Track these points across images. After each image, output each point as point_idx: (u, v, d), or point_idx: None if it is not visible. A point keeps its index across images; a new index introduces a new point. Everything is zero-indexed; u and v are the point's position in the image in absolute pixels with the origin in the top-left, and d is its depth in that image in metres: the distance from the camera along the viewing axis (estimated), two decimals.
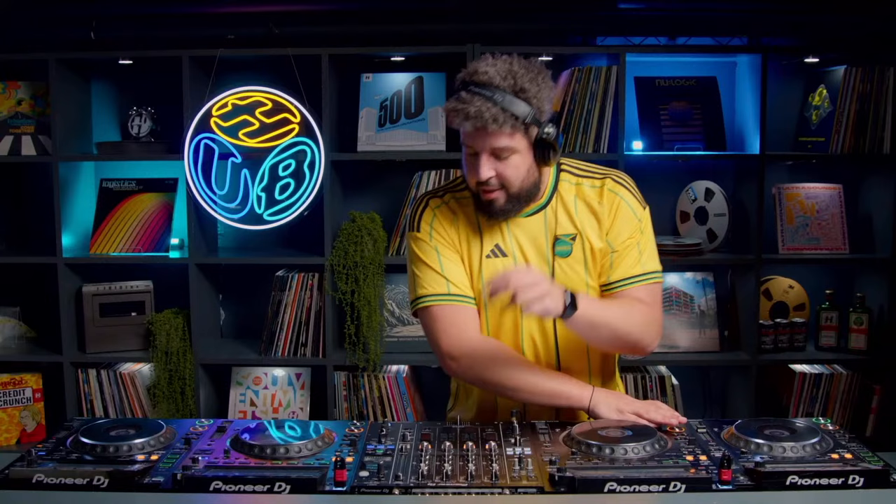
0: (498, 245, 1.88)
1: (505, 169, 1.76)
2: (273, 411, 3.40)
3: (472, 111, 1.68)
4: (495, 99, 1.68)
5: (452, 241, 1.90)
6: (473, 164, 1.77)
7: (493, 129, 1.70)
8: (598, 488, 1.44)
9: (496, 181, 1.77)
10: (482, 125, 1.69)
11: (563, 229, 1.87)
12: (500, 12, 3.19)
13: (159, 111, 3.45)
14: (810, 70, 3.43)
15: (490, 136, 1.72)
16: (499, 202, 1.79)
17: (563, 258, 1.87)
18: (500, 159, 1.75)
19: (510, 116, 1.70)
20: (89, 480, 1.49)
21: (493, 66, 1.72)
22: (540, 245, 1.88)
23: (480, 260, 1.88)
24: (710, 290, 3.40)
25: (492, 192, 1.78)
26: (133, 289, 3.39)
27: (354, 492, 1.47)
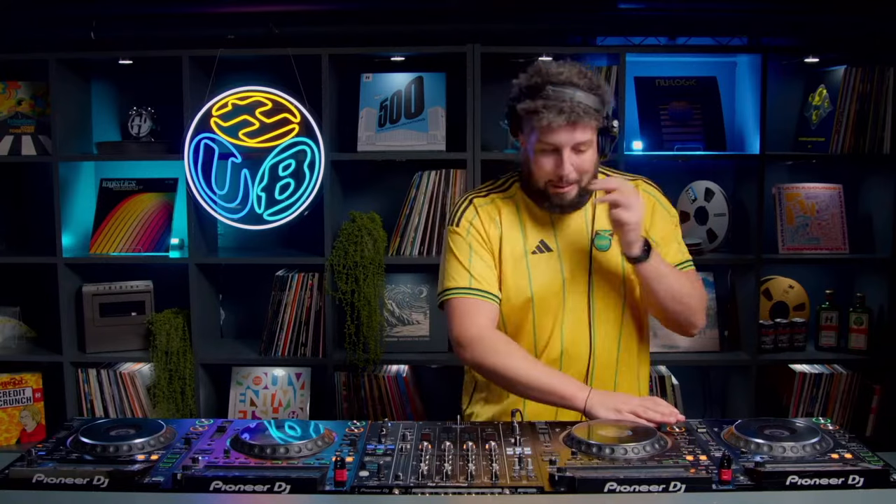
0: (543, 241, 1.98)
1: (582, 163, 1.87)
2: (273, 411, 3.40)
3: (566, 106, 1.78)
4: (582, 95, 1.80)
5: (489, 240, 1.98)
6: (552, 159, 1.86)
7: (583, 123, 1.81)
8: (598, 488, 1.44)
9: (575, 175, 1.87)
10: (575, 119, 1.79)
11: (601, 224, 1.97)
12: (500, 12, 3.19)
13: (159, 111, 3.45)
14: (810, 70, 3.43)
15: (577, 131, 1.82)
16: (570, 195, 1.90)
17: (603, 252, 1.97)
18: (579, 153, 1.85)
19: (594, 111, 1.82)
20: (89, 480, 1.49)
21: (566, 67, 1.83)
22: (582, 240, 1.98)
23: (526, 256, 1.97)
24: (710, 290, 3.40)
25: (566, 187, 1.88)
26: (133, 289, 3.39)
27: (354, 492, 1.47)
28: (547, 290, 1.96)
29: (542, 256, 1.96)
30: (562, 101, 1.78)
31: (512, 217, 1.99)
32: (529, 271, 1.96)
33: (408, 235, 3.30)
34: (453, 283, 1.96)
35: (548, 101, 1.78)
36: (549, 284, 1.96)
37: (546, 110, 1.78)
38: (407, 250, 3.30)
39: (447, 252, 2.00)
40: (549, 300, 1.96)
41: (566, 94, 1.79)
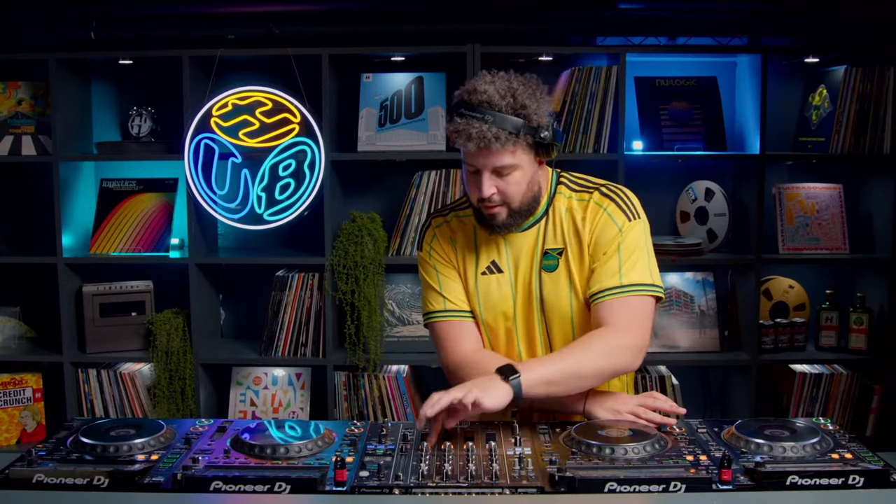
0: (494, 262, 1.92)
1: (507, 186, 1.79)
2: (273, 411, 3.40)
3: (474, 132, 1.71)
4: (496, 119, 1.71)
5: (450, 259, 1.96)
6: (475, 181, 1.80)
7: (495, 149, 1.73)
8: (598, 488, 1.44)
9: (498, 197, 1.80)
10: (485, 145, 1.72)
11: (551, 243, 1.89)
12: (500, 12, 3.19)
13: (159, 111, 3.45)
14: (810, 70, 3.43)
15: (492, 155, 1.75)
16: (500, 217, 1.83)
17: (549, 273, 1.89)
18: (502, 176, 1.78)
19: (510, 135, 1.73)
20: (89, 480, 1.49)
21: (492, 85, 1.74)
22: (530, 259, 1.90)
23: (476, 277, 1.93)
24: (711, 290, 3.40)
25: (493, 208, 1.82)
26: (133, 289, 3.40)
27: (354, 492, 1.47)
28: (497, 312, 1.92)
29: (492, 277, 1.92)
30: (472, 126, 1.70)
31: (468, 235, 1.96)
32: (478, 292, 1.92)
33: (408, 235, 3.30)
34: (430, 307, 1.96)
35: (459, 126, 1.72)
36: (499, 306, 1.91)
37: (457, 135, 1.73)
38: (407, 250, 3.30)
39: (421, 278, 2.00)
40: (499, 322, 1.93)
41: (475, 121, 1.70)
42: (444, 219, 2.00)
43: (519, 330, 1.93)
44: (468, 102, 1.73)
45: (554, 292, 1.88)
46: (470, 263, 1.94)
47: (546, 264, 1.88)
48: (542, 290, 1.88)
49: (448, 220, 1.99)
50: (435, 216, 2.01)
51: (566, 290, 1.88)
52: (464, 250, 1.95)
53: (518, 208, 1.83)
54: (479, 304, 1.93)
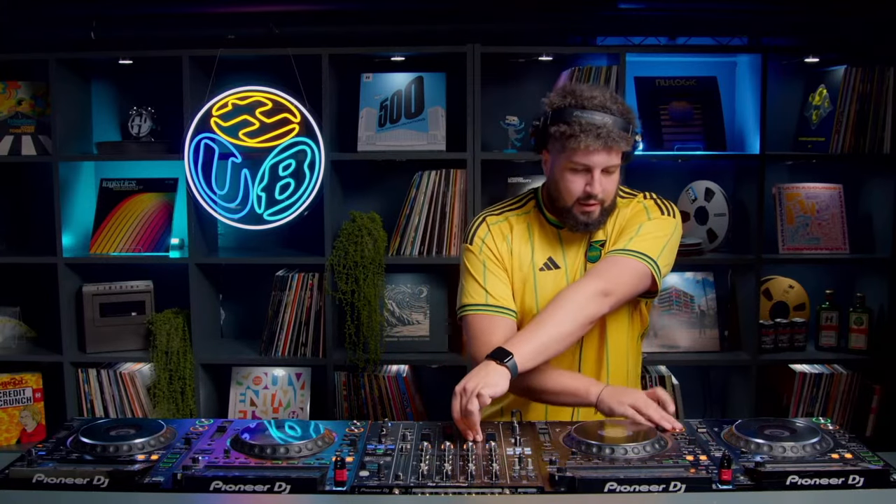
0: (551, 258, 2.03)
1: (610, 184, 1.93)
2: (273, 411, 3.40)
3: (603, 131, 1.84)
4: (615, 120, 1.87)
5: (501, 257, 2.03)
6: (581, 179, 1.90)
7: (616, 147, 1.87)
8: (598, 488, 1.44)
9: (602, 195, 1.92)
10: (611, 143, 1.86)
11: (595, 236, 2.03)
12: (500, 12, 3.19)
13: (159, 111, 3.45)
14: (810, 70, 3.43)
15: (611, 153, 1.88)
16: (595, 215, 1.95)
17: (592, 263, 2.00)
18: (608, 175, 1.91)
19: (625, 136, 1.89)
20: (89, 480, 1.49)
21: (599, 91, 1.89)
22: (580, 253, 2.03)
23: (534, 273, 2.02)
24: (710, 290, 3.40)
25: (594, 206, 1.93)
26: (133, 289, 3.39)
27: (354, 492, 1.47)
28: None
29: (549, 273, 2.01)
30: (598, 126, 1.84)
31: (523, 234, 2.05)
32: (536, 288, 2.01)
33: (408, 235, 3.30)
34: (470, 299, 2.00)
35: (586, 125, 1.84)
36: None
37: (583, 134, 1.83)
38: (407, 250, 3.30)
39: (463, 270, 2.06)
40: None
41: (602, 119, 1.85)
42: (497, 217, 2.08)
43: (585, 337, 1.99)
44: (582, 105, 1.86)
45: None
46: (526, 260, 2.03)
47: (590, 255, 2.02)
48: None
49: (503, 218, 2.08)
50: (489, 214, 2.09)
51: None
52: (521, 247, 2.04)
53: (609, 206, 1.97)
54: (536, 299, 2.00)
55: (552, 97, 1.92)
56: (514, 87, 3.48)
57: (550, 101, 1.92)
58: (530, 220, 2.06)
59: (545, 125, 1.92)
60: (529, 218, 2.06)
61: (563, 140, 1.87)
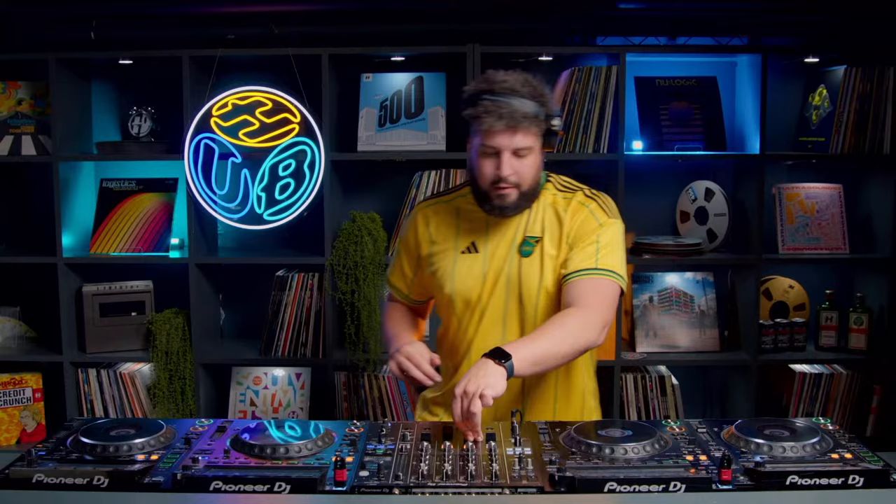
0: (474, 242, 2.05)
1: (522, 167, 1.94)
2: (273, 411, 3.40)
3: (505, 111, 1.87)
4: (522, 102, 1.89)
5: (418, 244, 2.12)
6: (492, 162, 1.94)
7: (522, 128, 1.89)
8: (598, 488, 1.44)
9: (514, 178, 1.94)
10: (514, 124, 1.88)
11: (531, 231, 2.03)
12: (500, 12, 3.19)
13: (159, 111, 3.45)
14: (810, 70, 3.43)
15: (517, 135, 1.90)
16: (511, 198, 1.96)
17: (525, 258, 2.01)
18: (520, 158, 1.93)
19: (534, 118, 1.91)
20: (89, 480, 1.49)
21: (511, 75, 1.92)
22: (509, 244, 2.03)
23: (455, 256, 2.06)
24: (710, 290, 3.40)
25: (507, 189, 1.95)
26: (133, 289, 3.39)
27: (354, 492, 1.47)
28: (467, 288, 2.02)
29: (468, 257, 2.04)
30: (501, 107, 1.87)
31: (449, 218, 2.10)
32: (455, 270, 2.04)
33: None
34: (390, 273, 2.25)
35: (490, 106, 1.88)
36: (470, 283, 2.02)
37: (486, 115, 1.87)
38: None
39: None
40: (470, 299, 2.03)
41: (506, 101, 1.88)
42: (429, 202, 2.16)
43: (483, 309, 2.02)
44: (491, 90, 1.89)
45: (528, 275, 2.00)
46: (451, 243, 2.07)
47: (523, 250, 2.01)
48: (520, 274, 2.00)
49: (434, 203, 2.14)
50: (424, 200, 2.20)
51: (537, 276, 2.00)
52: (445, 232, 2.09)
53: (527, 191, 1.97)
54: (452, 281, 2.04)
55: (470, 85, 1.96)
56: None
57: (467, 89, 1.96)
58: (461, 203, 2.10)
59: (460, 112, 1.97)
60: (461, 202, 2.10)
61: (472, 123, 1.92)
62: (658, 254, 3.27)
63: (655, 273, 3.41)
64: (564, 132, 2.05)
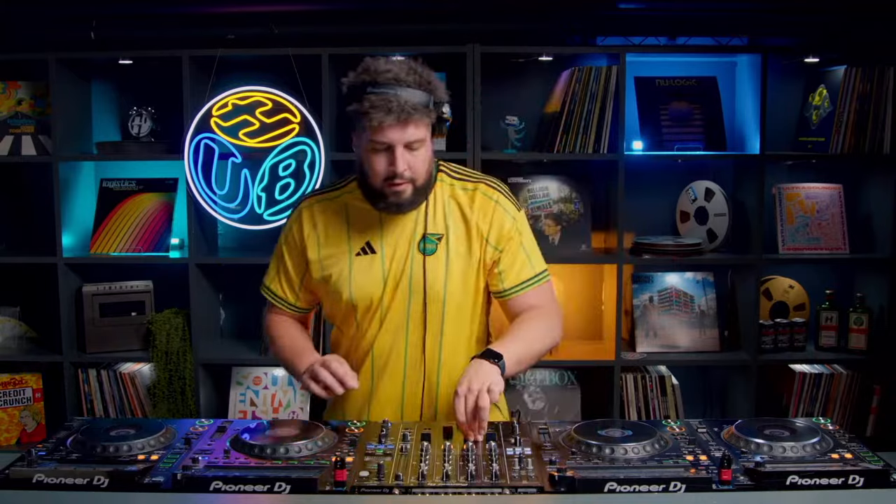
0: (368, 243, 1.93)
1: (415, 161, 1.83)
2: (273, 411, 3.40)
3: (394, 105, 1.74)
4: (409, 92, 1.77)
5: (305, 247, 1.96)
6: (384, 158, 1.81)
7: (413, 121, 1.77)
8: (598, 488, 1.44)
9: (409, 173, 1.82)
10: (406, 117, 1.76)
11: (432, 228, 1.92)
12: (500, 12, 3.19)
13: (159, 111, 3.45)
14: (810, 70, 3.42)
15: (409, 128, 1.78)
16: (406, 194, 1.85)
17: (429, 256, 1.91)
18: (412, 151, 1.82)
19: (424, 108, 1.79)
20: (89, 480, 1.49)
21: (393, 64, 1.80)
22: (408, 242, 1.92)
23: (350, 258, 1.93)
24: (710, 290, 3.40)
25: (402, 185, 1.83)
26: (133, 289, 3.39)
27: (354, 492, 1.47)
28: (368, 293, 1.92)
29: (365, 259, 1.92)
30: (389, 100, 1.74)
31: (337, 217, 1.96)
32: (351, 274, 1.92)
33: None
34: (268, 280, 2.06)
35: (378, 100, 1.74)
36: (370, 287, 1.91)
37: (374, 110, 1.74)
38: None
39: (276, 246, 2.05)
40: (371, 302, 1.92)
41: (394, 93, 1.75)
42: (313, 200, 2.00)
43: (385, 312, 1.93)
44: (375, 81, 1.77)
45: (433, 275, 1.91)
46: (342, 244, 1.94)
47: (427, 248, 1.91)
48: (424, 273, 1.90)
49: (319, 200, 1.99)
50: (308, 197, 2.01)
51: (442, 275, 1.91)
52: (334, 232, 1.95)
53: (422, 185, 1.87)
54: (350, 286, 1.92)
55: (350, 76, 1.82)
56: (514, 87, 3.48)
57: (347, 81, 1.82)
58: (348, 200, 1.96)
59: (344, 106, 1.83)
60: (348, 199, 1.96)
61: (359, 119, 1.78)
62: (658, 254, 3.27)
63: (655, 273, 3.41)
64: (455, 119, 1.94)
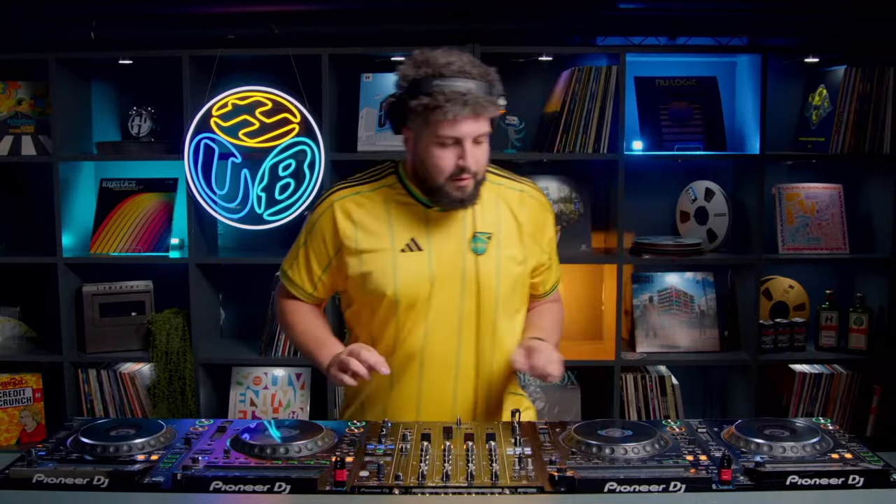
0: (413, 239, 1.88)
1: (481, 154, 1.81)
2: (273, 411, 3.40)
3: (469, 98, 1.71)
4: (478, 85, 1.74)
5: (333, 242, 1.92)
6: (452, 153, 1.77)
7: (485, 114, 1.75)
8: (598, 488, 1.44)
9: (475, 167, 1.79)
10: (479, 110, 1.73)
11: (481, 227, 1.90)
12: (500, 12, 3.19)
13: (159, 111, 3.45)
14: (810, 70, 3.42)
15: (479, 121, 1.76)
16: (468, 188, 1.81)
17: (479, 255, 1.88)
18: (477, 145, 1.79)
19: (492, 100, 1.77)
20: (89, 480, 1.49)
21: (455, 57, 1.76)
22: (457, 240, 1.88)
23: (394, 254, 1.87)
24: (710, 290, 3.40)
25: (467, 179, 1.80)
26: (133, 289, 3.39)
27: (354, 492, 1.47)
28: (414, 290, 1.86)
29: (411, 255, 1.86)
30: (463, 93, 1.71)
31: (377, 212, 1.89)
32: (396, 270, 1.86)
33: None
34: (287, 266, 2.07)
35: (450, 94, 1.70)
36: (417, 284, 1.86)
37: (449, 103, 1.70)
38: None
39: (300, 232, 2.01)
40: (415, 300, 1.87)
41: (465, 86, 1.72)
42: (346, 193, 1.91)
43: (431, 310, 1.88)
44: (442, 74, 1.73)
45: (486, 274, 1.88)
46: (383, 240, 1.87)
47: (476, 247, 1.88)
48: (477, 272, 1.87)
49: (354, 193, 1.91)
50: (338, 190, 1.93)
51: (492, 274, 1.88)
52: (374, 227, 1.88)
53: (482, 179, 1.84)
54: (395, 282, 1.85)
55: (404, 69, 1.77)
56: (513, 87, 3.48)
57: (404, 74, 1.77)
58: (388, 195, 1.89)
59: (402, 100, 1.77)
60: (389, 193, 1.89)
61: (427, 113, 1.72)
62: (658, 254, 3.27)
63: (655, 273, 3.41)
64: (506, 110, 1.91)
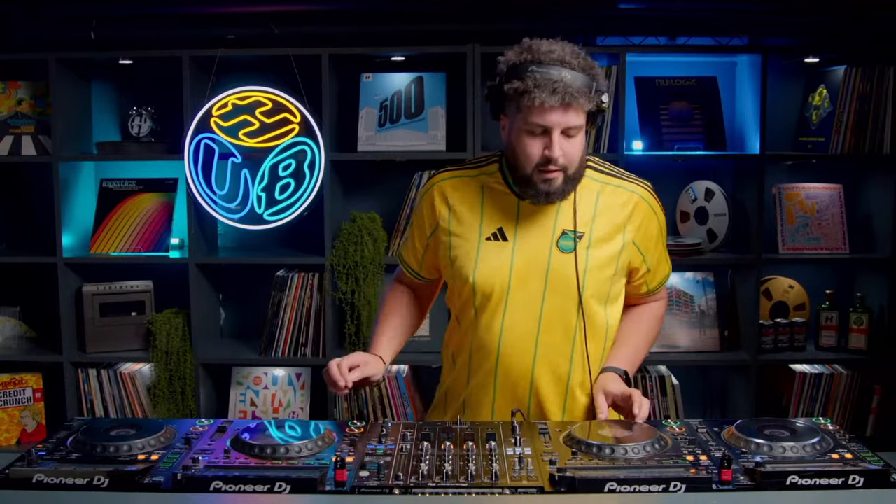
0: (501, 229, 1.87)
1: (571, 148, 1.77)
2: (273, 411, 3.40)
3: (560, 86, 1.69)
4: (574, 75, 1.71)
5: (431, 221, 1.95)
6: (540, 142, 1.76)
7: (576, 104, 1.72)
8: (598, 488, 1.44)
9: (563, 160, 1.76)
10: (569, 100, 1.70)
11: (570, 224, 1.85)
12: (500, 12, 3.19)
13: (159, 111, 3.45)
14: (810, 70, 3.43)
15: (570, 112, 1.73)
16: (557, 182, 1.78)
17: (564, 253, 1.85)
18: (568, 137, 1.76)
19: (587, 93, 1.73)
20: (89, 480, 1.49)
21: (558, 46, 1.74)
22: (545, 235, 1.86)
23: (479, 242, 1.87)
24: (710, 290, 3.40)
25: (554, 172, 1.77)
26: (133, 289, 3.40)
27: (354, 492, 1.47)
28: (490, 281, 1.85)
29: (495, 245, 1.86)
30: (554, 80, 1.69)
31: (472, 197, 1.90)
32: (478, 258, 1.86)
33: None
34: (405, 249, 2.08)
35: (540, 80, 1.69)
36: (495, 275, 1.85)
37: (538, 89, 1.68)
38: None
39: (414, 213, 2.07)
40: (492, 291, 1.86)
41: (559, 74, 1.69)
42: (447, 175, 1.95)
43: (509, 305, 1.86)
44: (539, 60, 1.71)
45: (569, 273, 1.84)
46: (472, 227, 1.88)
47: (563, 244, 1.85)
48: (550, 268, 1.84)
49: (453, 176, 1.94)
50: (442, 171, 1.97)
51: (572, 274, 1.84)
52: (464, 212, 1.90)
53: (573, 174, 1.80)
54: (475, 269, 1.86)
55: (508, 54, 1.76)
56: None
57: (506, 59, 1.76)
58: (486, 182, 1.90)
59: (499, 84, 1.77)
60: (486, 180, 1.90)
61: (518, 98, 1.72)
62: None
63: None
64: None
